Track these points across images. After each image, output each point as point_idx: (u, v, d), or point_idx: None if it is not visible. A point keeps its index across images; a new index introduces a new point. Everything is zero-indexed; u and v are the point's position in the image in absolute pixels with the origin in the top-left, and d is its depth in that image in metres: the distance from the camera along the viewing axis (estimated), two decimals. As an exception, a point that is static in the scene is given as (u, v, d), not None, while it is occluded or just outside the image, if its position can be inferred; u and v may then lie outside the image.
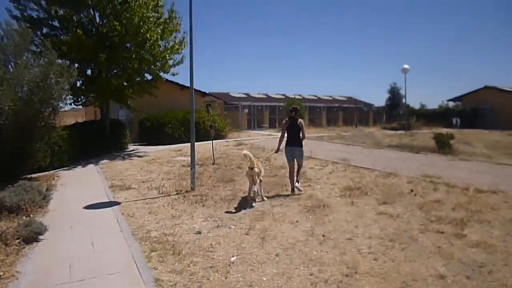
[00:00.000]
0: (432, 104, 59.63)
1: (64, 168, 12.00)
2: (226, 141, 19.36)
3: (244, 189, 7.98)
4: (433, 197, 7.00)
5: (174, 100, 21.96)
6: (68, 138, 12.63)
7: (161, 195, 7.57)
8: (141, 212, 6.24)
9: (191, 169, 8.05)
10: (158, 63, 15.06)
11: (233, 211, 6.26)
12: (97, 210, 6.50)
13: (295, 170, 7.73)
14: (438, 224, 5.41)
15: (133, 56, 13.91)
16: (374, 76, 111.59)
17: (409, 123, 31.35)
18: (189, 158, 8.31)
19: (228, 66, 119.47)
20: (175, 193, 7.75)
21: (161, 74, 15.79)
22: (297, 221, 5.59)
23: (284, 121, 8.07)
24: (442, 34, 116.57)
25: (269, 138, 21.44)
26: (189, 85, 8.41)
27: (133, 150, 16.74)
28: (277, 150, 8.14)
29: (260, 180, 7.06)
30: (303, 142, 7.86)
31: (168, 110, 20.19)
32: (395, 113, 38.01)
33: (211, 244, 4.69)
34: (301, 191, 7.61)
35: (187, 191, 7.81)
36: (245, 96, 36.95)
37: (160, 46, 14.62)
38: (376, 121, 38.73)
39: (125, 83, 15.06)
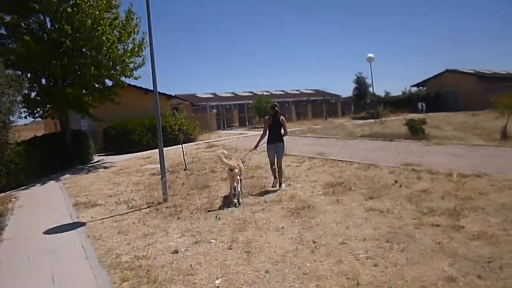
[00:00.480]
0: (396, 91, 60.82)
1: (23, 188, 11.06)
2: (196, 144, 18.73)
3: (220, 195, 7.50)
4: (419, 187, 6.71)
5: (139, 106, 21.03)
6: (25, 154, 11.66)
7: (131, 210, 6.92)
8: (109, 233, 5.59)
9: (161, 178, 7.43)
10: (118, 67, 14.23)
11: (212, 220, 5.73)
12: (59, 234, 5.79)
13: (277, 170, 7.88)
14: (432, 217, 5.09)
15: (90, 61, 13.02)
16: (340, 67, 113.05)
17: (377, 112, 31.65)
18: (159, 165, 7.67)
19: (193, 67, 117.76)
20: (146, 206, 7.11)
21: (123, 78, 14.95)
22: (282, 228, 5.12)
23: (266, 118, 8.02)
24: (400, 21, 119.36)
25: (240, 137, 20.97)
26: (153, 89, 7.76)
27: (98, 161, 15.83)
28: (256, 147, 8.28)
29: (240, 180, 7.07)
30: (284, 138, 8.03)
31: (133, 116, 19.31)
32: (363, 102, 38.38)
33: (190, 265, 4.13)
34: (282, 186, 7.69)
35: (159, 203, 7.19)
36: (212, 96, 36.25)
37: (119, 49, 13.78)
38: (344, 112, 38.96)
39: (83, 91, 14.14)
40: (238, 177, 6.79)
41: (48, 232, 5.96)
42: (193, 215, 6.18)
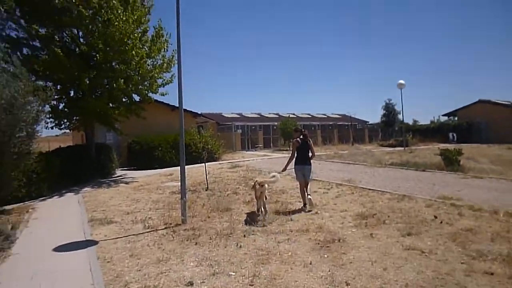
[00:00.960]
0: (424, 120, 59.30)
1: (43, 198, 10.91)
2: (219, 163, 18.38)
3: (242, 219, 7.02)
4: (463, 225, 6.03)
5: (164, 122, 21.06)
6: (47, 165, 11.58)
7: (147, 230, 6.51)
8: (120, 255, 5.18)
9: (181, 198, 7.02)
10: (146, 83, 14.19)
11: (232, 247, 5.24)
12: (68, 253, 5.42)
13: (305, 186, 7.98)
14: (483, 262, 4.44)
15: (118, 75, 13.00)
16: (368, 93, 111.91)
17: (406, 140, 30.71)
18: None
19: (221, 86, 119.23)
20: (163, 227, 6.70)
21: (150, 94, 14.88)
22: (311, 263, 4.57)
23: (294, 141, 8.17)
24: (434, 50, 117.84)
25: (265, 159, 20.51)
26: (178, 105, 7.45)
27: (120, 176, 15.65)
28: (284, 169, 8.35)
29: (266, 197, 7.55)
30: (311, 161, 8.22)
31: (158, 132, 19.28)
32: (391, 130, 37.40)
33: (206, 302, 3.66)
34: (312, 205, 7.77)
35: (177, 224, 6.77)
36: (238, 116, 36.13)
37: (148, 65, 13.76)
38: (371, 138, 38.03)
39: (110, 105, 14.12)
40: (266, 194, 7.32)
41: (58, 249, 5.61)
42: (212, 240, 5.70)
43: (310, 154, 8.08)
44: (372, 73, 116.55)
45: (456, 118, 39.42)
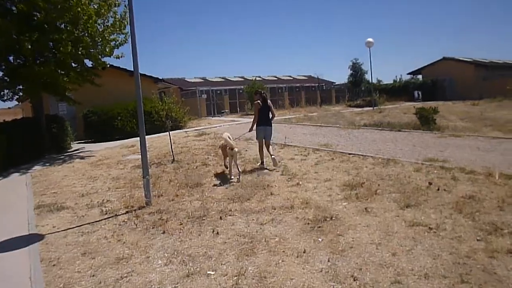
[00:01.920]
0: (387, 79, 59.34)
1: (-16, 181, 9.60)
2: (185, 132, 17.28)
3: (216, 196, 6.18)
4: (462, 192, 5.45)
5: (123, 89, 19.36)
6: (-13, 142, 10.17)
7: (105, 217, 5.54)
8: (71, 254, 4.21)
9: (143, 176, 6.04)
10: (98, 45, 12.67)
11: (208, 235, 4.40)
12: (4, 254, 4.39)
13: (265, 146, 8.47)
14: (501, 237, 3.84)
15: (65, 37, 11.42)
16: (333, 53, 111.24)
17: (374, 99, 30.54)
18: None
19: (182, 51, 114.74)
20: (125, 211, 5.75)
21: (104, 59, 13.38)
22: (304, 252, 3.81)
23: (256, 103, 8.51)
24: (396, 8, 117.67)
25: (232, 125, 19.56)
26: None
27: (76, 150, 14.31)
28: (251, 129, 8.66)
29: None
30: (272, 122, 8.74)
31: (118, 100, 17.71)
32: (358, 90, 37.14)
33: (181, 319, 2.82)
34: (279, 162, 8.27)
35: (141, 207, 5.83)
36: (202, 81, 34.63)
37: (98, 24, 12.20)
38: (338, 99, 37.69)
39: (60, 71, 12.56)
40: (237, 156, 7.66)
41: (-7, 249, 4.57)
42: (183, 226, 4.83)
43: (271, 115, 8.57)
44: (338, 32, 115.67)
45: (420, 77, 39.66)
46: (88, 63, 13.41)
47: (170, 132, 10.74)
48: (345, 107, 30.93)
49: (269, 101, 8.60)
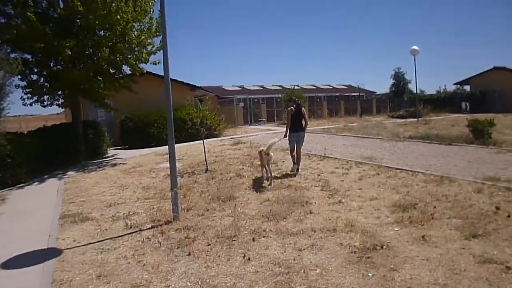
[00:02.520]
0: (430, 89, 56.70)
1: (20, 185, 9.57)
2: (221, 140, 16.93)
3: (249, 212, 5.63)
4: (539, 219, 4.60)
5: (160, 96, 19.34)
6: (24, 147, 10.17)
7: (129, 231, 5.12)
8: (84, 275, 3.78)
9: (171, 189, 5.59)
10: (135, 51, 12.60)
11: (237, 260, 3.84)
12: (16, 271, 4.03)
13: (296, 156, 8.69)
14: None
15: (103, 43, 11.39)
16: (374, 62, 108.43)
17: (418, 110, 29.16)
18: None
19: (222, 58, 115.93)
20: (150, 225, 5.31)
21: (140, 64, 13.30)
22: (353, 290, 3.17)
23: (289, 109, 8.82)
24: (440, 15, 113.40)
25: (269, 134, 19.04)
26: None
27: (111, 156, 14.26)
28: (285, 136, 8.84)
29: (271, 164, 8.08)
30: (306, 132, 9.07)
31: (154, 107, 17.65)
32: (400, 100, 35.64)
33: None
34: (299, 171, 8.49)
35: (167, 222, 5.38)
36: (239, 89, 34.43)
37: (135, 30, 12.12)
38: (379, 109, 36.34)
39: (97, 77, 12.56)
40: (271, 161, 8.06)
41: (6, 264, 4.22)
42: (211, 248, 4.30)
43: (303, 122, 8.75)
44: (378, 42, 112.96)
45: (468, 87, 37.58)
46: (126, 69, 13.40)
47: (205, 140, 10.35)
48: (386, 117, 29.67)
49: (302, 108, 8.86)
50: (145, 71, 14.05)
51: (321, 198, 6.22)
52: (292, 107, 8.70)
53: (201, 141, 10.03)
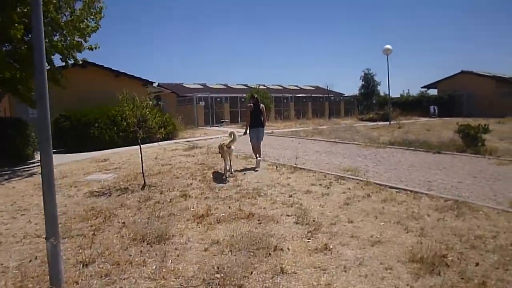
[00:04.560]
0: (394, 93, 56.12)
1: None
2: (175, 143, 14.66)
3: (183, 271, 3.47)
4: None
5: (106, 91, 16.85)
6: None
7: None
8: None
9: (46, 238, 3.31)
10: (63, 33, 10.14)
11: None
12: None
13: (257, 147, 8.78)
14: None
15: (16, 17, 8.88)
16: (340, 63, 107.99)
17: (388, 113, 28.03)
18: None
19: (184, 56, 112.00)
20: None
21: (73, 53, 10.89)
22: None
23: (248, 106, 9.03)
24: (415, 18, 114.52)
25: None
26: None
27: (37, 162, 11.67)
28: (245, 133, 8.95)
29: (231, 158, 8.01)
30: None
31: (99, 104, 15.07)
32: (369, 102, 34.52)
33: None
34: (259, 166, 8.41)
35: (42, 292, 3.15)
36: (201, 87, 32.09)
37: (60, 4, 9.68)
38: (348, 111, 35.12)
39: (15, 64, 10.02)
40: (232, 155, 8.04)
41: None
42: None
43: (262, 118, 8.85)
44: (346, 42, 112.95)
45: (436, 91, 37.09)
46: (57, 59, 10.96)
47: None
48: (356, 120, 28.33)
49: (262, 105, 9.00)
50: (80, 61, 11.60)
51: (296, 239, 4.18)
52: (251, 104, 8.85)
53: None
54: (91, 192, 7.04)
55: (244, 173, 7.92)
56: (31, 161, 11.98)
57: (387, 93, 31.43)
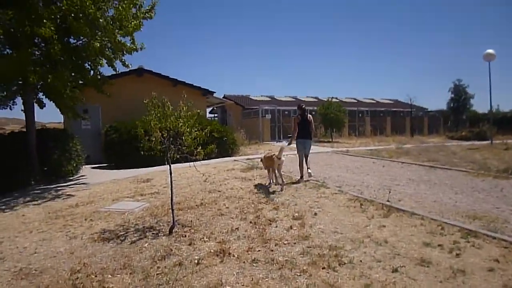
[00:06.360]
0: (481, 108, 49.31)
1: None
2: (234, 160, 12.68)
3: None
4: None
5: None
6: None
7: None
8: None
9: None
10: (105, 30, 8.64)
11: None
12: None
13: (304, 160, 8.56)
14: None
15: (46, 15, 7.51)
16: (423, 75, 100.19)
17: (484, 131, 23.93)
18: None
19: (252, 67, 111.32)
20: None
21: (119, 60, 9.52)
22: None
23: (295, 117, 8.92)
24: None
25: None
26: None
27: (76, 179, 10.31)
28: (290, 143, 8.93)
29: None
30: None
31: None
32: (458, 118, 30.16)
33: None
34: (312, 175, 8.33)
35: None
36: (268, 99, 30.17)
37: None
38: (431, 128, 31.00)
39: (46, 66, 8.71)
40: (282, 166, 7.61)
41: None
42: None
43: (310, 130, 8.61)
44: (430, 51, 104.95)
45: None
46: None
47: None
48: (445, 138, 24.44)
49: (309, 115, 8.74)
50: (129, 65, 10.12)
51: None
52: (298, 115, 8.65)
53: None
54: (103, 231, 5.13)
55: (315, 214, 5.53)
56: (72, 177, 10.63)
57: (481, 107, 27.10)
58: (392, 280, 3.34)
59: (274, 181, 7.72)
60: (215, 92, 16.76)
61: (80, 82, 9.60)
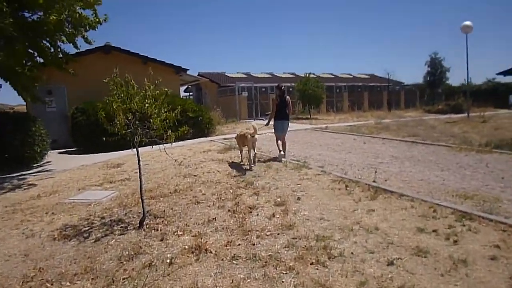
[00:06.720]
0: (455, 81, 49.87)
1: None
2: (211, 140, 12.16)
3: None
4: None
5: (134, 81, 14.70)
6: None
7: None
8: None
9: None
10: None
11: None
12: None
13: (281, 144, 8.43)
14: None
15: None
16: (396, 48, 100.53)
17: (460, 103, 24.11)
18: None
19: (226, 44, 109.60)
20: None
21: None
22: None
23: (273, 98, 9.11)
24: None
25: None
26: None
27: (40, 167, 9.60)
28: (267, 124, 9.06)
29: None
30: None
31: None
32: (434, 91, 30.26)
33: None
34: (285, 157, 8.15)
35: None
36: (245, 76, 29.43)
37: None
38: (408, 102, 31.07)
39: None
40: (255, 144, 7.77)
41: None
42: None
43: (287, 111, 8.56)
44: (404, 25, 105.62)
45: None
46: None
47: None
48: (422, 112, 24.48)
49: (287, 97, 8.68)
50: (92, 41, 9.30)
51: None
52: (277, 96, 8.63)
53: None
54: (65, 227, 4.61)
55: (298, 198, 5.14)
56: (36, 164, 9.90)
57: (455, 81, 27.27)
58: (388, 276, 2.99)
59: (250, 159, 7.56)
60: (188, 70, 16.00)
61: (39, 60, 8.78)
